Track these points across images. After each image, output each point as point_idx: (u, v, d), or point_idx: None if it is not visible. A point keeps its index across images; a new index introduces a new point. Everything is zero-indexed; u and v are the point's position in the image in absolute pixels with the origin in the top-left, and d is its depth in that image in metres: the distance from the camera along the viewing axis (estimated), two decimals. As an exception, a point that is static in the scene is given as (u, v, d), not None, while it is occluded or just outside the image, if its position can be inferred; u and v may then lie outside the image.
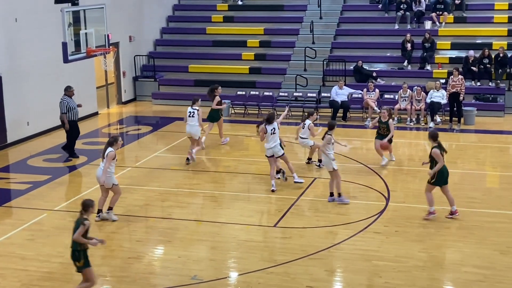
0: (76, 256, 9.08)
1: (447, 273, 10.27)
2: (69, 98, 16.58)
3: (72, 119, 16.62)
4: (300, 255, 10.81)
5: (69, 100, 16.56)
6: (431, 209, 12.33)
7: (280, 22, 25.53)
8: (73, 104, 16.63)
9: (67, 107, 16.51)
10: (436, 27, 23.74)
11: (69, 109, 16.54)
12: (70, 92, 16.68)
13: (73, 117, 16.64)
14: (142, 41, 24.76)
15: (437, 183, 12.25)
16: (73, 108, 16.58)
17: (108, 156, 11.93)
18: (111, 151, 12.00)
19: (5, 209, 13.27)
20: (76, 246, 9.05)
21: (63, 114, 16.48)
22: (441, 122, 20.05)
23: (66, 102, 16.51)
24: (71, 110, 16.56)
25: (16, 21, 17.94)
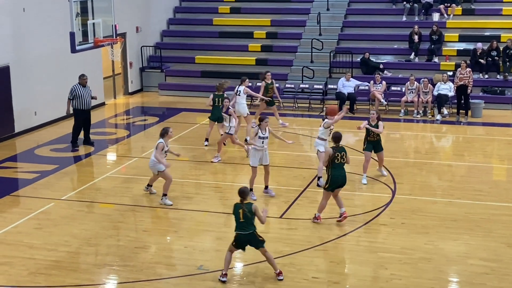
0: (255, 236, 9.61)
1: (453, 265, 10.27)
2: (79, 86, 16.64)
3: (78, 107, 16.65)
4: (305, 246, 10.83)
5: (78, 87, 16.61)
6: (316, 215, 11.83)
7: (287, 13, 25.48)
8: (83, 93, 16.66)
9: (73, 94, 16.57)
10: (444, 19, 23.65)
11: (76, 96, 16.58)
12: (82, 80, 16.76)
13: (80, 106, 16.66)
14: (149, 32, 24.76)
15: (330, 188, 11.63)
16: (80, 97, 16.60)
17: (158, 147, 12.55)
18: (161, 142, 12.58)
19: (13, 198, 13.33)
20: (254, 228, 9.59)
21: (68, 99, 16.62)
22: (448, 115, 20.01)
23: (73, 89, 16.60)
24: (78, 98, 16.60)
25: (24, 11, 17.96)
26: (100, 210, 12.66)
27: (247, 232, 9.57)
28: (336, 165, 11.50)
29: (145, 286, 9.58)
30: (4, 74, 17.28)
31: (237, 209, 9.63)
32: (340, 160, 11.52)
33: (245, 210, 9.54)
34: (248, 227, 9.56)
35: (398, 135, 18.53)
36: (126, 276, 9.87)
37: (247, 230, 9.57)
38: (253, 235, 9.60)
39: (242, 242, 9.65)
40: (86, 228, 11.66)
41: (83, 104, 16.69)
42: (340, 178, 11.57)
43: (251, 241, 9.62)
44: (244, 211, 9.54)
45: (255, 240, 9.63)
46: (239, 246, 9.73)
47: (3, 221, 12.02)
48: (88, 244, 11.04)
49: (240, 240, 9.63)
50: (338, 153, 11.49)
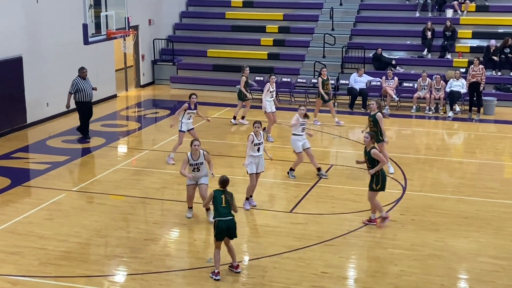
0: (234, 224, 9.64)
1: (463, 262, 10.24)
2: (80, 79, 16.71)
3: (81, 100, 16.73)
4: (315, 241, 10.83)
5: (79, 81, 16.69)
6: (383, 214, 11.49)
7: (300, 8, 25.41)
8: (84, 86, 16.73)
9: (75, 88, 16.65)
10: (457, 16, 23.51)
11: (78, 90, 16.67)
12: (83, 73, 16.81)
13: (83, 98, 16.73)
14: (162, 25, 24.78)
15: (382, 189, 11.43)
16: (82, 90, 16.68)
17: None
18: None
19: (24, 189, 13.41)
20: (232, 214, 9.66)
21: (69, 93, 16.70)
22: (461, 112, 19.92)
23: (75, 83, 16.68)
24: (80, 92, 16.68)
25: (37, 3, 18.02)
26: (110, 201, 12.71)
27: (228, 218, 9.56)
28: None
29: (154, 278, 9.61)
30: (17, 65, 17.35)
31: (219, 195, 9.67)
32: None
33: (227, 196, 9.63)
34: (229, 213, 9.60)
35: (410, 132, 18.47)
36: (136, 268, 9.91)
37: (228, 216, 9.58)
38: (233, 222, 9.60)
39: (222, 230, 9.54)
40: (97, 220, 11.71)
41: (86, 96, 16.79)
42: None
43: (230, 227, 9.57)
44: (226, 197, 9.63)
45: (234, 227, 9.62)
46: (220, 236, 9.57)
47: (15, 211, 12.09)
48: (98, 235, 11.09)
49: (220, 228, 9.53)
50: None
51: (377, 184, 11.34)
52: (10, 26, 17.14)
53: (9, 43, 17.10)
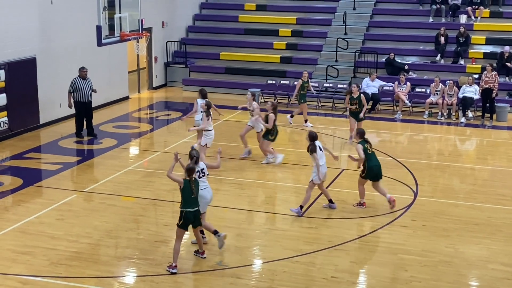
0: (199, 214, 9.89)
1: (473, 269, 10.18)
2: (80, 79, 16.87)
3: (79, 100, 16.88)
4: (325, 245, 10.81)
5: (78, 80, 16.84)
6: (361, 201, 12.54)
7: (313, 12, 25.40)
8: (83, 86, 16.87)
9: (73, 87, 16.82)
10: (471, 21, 23.41)
11: (76, 89, 16.82)
12: (82, 73, 16.96)
13: (81, 98, 16.88)
14: (175, 27, 24.85)
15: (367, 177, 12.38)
16: (80, 90, 16.82)
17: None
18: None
19: (36, 189, 13.48)
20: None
21: (69, 92, 16.88)
22: (473, 118, 19.83)
23: (73, 82, 16.86)
24: (78, 91, 16.82)
25: (51, 4, 18.13)
26: (121, 203, 12.75)
27: (195, 209, 9.72)
28: (370, 156, 12.21)
29: (164, 280, 9.63)
30: (30, 65, 17.46)
31: (189, 185, 9.68)
32: (372, 150, 12.34)
33: (193, 186, 9.69)
34: (196, 203, 9.73)
35: (422, 137, 18.41)
36: (146, 270, 9.93)
37: (195, 207, 9.72)
38: (198, 212, 9.82)
39: (188, 220, 9.72)
40: (107, 221, 11.75)
41: (83, 96, 16.90)
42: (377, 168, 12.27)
43: (196, 217, 9.76)
44: (194, 187, 9.68)
45: (199, 217, 9.83)
46: (185, 226, 9.77)
47: (26, 211, 12.16)
48: (108, 236, 11.13)
49: (187, 218, 9.69)
50: (367, 145, 12.24)
51: (363, 172, 12.27)
52: (25, 27, 17.26)
53: (23, 43, 17.22)
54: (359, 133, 12.57)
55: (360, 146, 12.23)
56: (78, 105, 16.96)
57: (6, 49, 16.65)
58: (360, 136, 12.44)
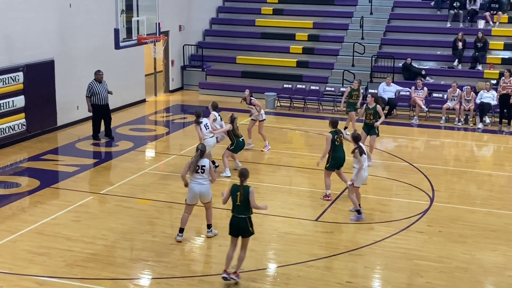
0: (246, 223, 9.48)
1: (490, 276, 10.10)
2: (96, 82, 17.01)
3: (96, 103, 17.00)
4: (340, 250, 10.78)
5: (95, 84, 16.98)
6: (327, 192, 13.04)
7: (330, 16, 25.38)
8: (100, 89, 17.01)
9: (90, 91, 16.93)
10: (489, 27, 23.27)
11: (93, 93, 16.95)
12: (98, 76, 17.11)
13: (98, 101, 17.01)
14: (192, 31, 24.95)
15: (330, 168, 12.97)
16: (97, 93, 16.96)
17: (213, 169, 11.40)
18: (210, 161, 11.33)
19: (53, 190, 13.57)
20: (245, 212, 9.46)
21: (86, 97, 16.99)
22: (491, 124, 19.68)
23: (90, 86, 16.99)
24: (96, 95, 16.96)
25: (70, 7, 18.28)
26: (137, 205, 12.80)
27: (239, 216, 9.48)
28: (337, 147, 12.72)
29: (179, 283, 9.65)
30: (49, 68, 17.61)
31: (235, 191, 9.55)
32: (340, 142, 12.78)
33: (242, 193, 9.47)
34: (243, 211, 9.47)
35: (438, 142, 18.31)
36: (161, 272, 9.96)
37: (238, 214, 9.50)
38: (244, 221, 9.48)
39: (231, 226, 9.54)
40: (123, 223, 11.80)
41: (101, 99, 17.05)
42: (341, 159, 12.88)
43: (240, 225, 9.50)
44: (241, 193, 9.47)
45: (245, 228, 9.51)
46: (230, 231, 9.59)
47: (43, 212, 12.24)
48: (124, 238, 11.18)
49: (230, 224, 9.54)
50: (336, 136, 12.74)
51: (327, 162, 12.90)
52: (43, 30, 17.41)
53: (41, 46, 17.37)
54: (332, 122, 12.91)
55: (330, 136, 12.72)
56: (95, 108, 17.09)
57: (25, 52, 16.81)
58: (332, 126, 12.84)
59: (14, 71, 16.43)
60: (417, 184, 14.18)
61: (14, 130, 16.52)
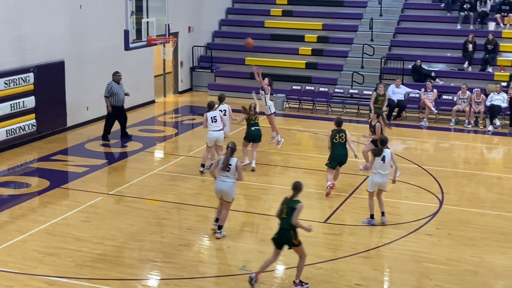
0: (289, 235, 9.38)
1: (499, 279, 10.05)
2: (114, 83, 17.08)
3: (113, 104, 17.07)
4: (349, 252, 10.76)
5: (114, 85, 17.06)
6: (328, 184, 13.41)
7: (339, 18, 25.35)
8: (118, 90, 17.08)
9: (109, 92, 16.99)
10: (500, 29, 23.18)
11: (112, 94, 17.02)
12: (117, 77, 17.18)
13: (116, 102, 17.08)
14: (201, 32, 24.98)
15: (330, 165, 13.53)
16: (116, 94, 17.03)
17: (241, 168, 11.19)
18: (238, 160, 11.20)
19: (62, 191, 13.62)
20: (290, 225, 9.36)
21: (105, 97, 17.02)
22: (501, 126, 19.60)
23: (110, 87, 17.03)
24: (114, 95, 17.03)
25: (80, 8, 18.34)
26: (146, 206, 12.83)
27: (285, 229, 9.43)
28: (336, 145, 13.31)
29: (187, 283, 9.66)
30: (59, 69, 17.67)
31: (282, 204, 9.54)
32: (339, 140, 13.32)
33: (286, 207, 9.42)
34: (287, 224, 9.41)
35: (448, 145, 18.24)
36: (169, 273, 9.97)
37: (281, 225, 9.47)
38: (288, 234, 9.39)
39: (276, 237, 9.51)
40: (132, 223, 11.83)
41: (119, 100, 17.13)
42: (340, 156, 13.37)
43: (282, 237, 9.44)
44: (286, 207, 9.43)
45: (288, 240, 9.43)
46: (273, 241, 9.56)
47: (53, 212, 12.29)
48: (133, 239, 11.20)
49: (275, 234, 9.53)
50: (337, 134, 13.30)
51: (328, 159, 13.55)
52: (54, 31, 17.48)
53: (52, 47, 17.44)
54: (336, 121, 13.52)
55: (330, 133, 13.48)
56: (113, 109, 17.17)
57: (35, 53, 16.88)
58: (336, 125, 13.46)
59: (25, 72, 16.50)
60: (427, 186, 14.14)
61: (24, 130, 16.59)
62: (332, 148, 13.42)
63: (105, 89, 17.06)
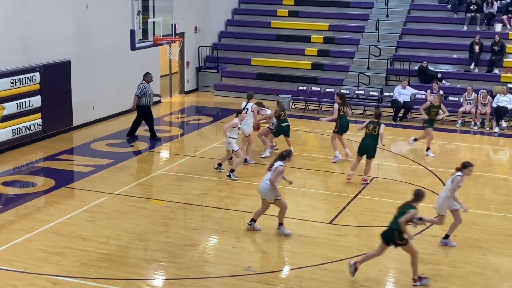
0: (392, 235, 9.63)
1: (505, 281, 10.02)
2: (146, 84, 17.26)
3: (145, 104, 17.29)
4: (354, 253, 10.74)
5: (146, 85, 17.25)
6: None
7: (346, 18, 25.33)
8: (150, 91, 17.34)
9: (143, 92, 17.15)
10: (506, 30, 23.11)
11: (145, 94, 17.21)
12: (149, 78, 17.44)
13: (147, 102, 17.32)
14: (207, 33, 25.00)
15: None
16: (148, 95, 17.26)
17: (277, 171, 11.09)
18: (281, 165, 11.17)
19: (68, 190, 13.65)
20: (397, 226, 9.56)
21: (136, 96, 17.15)
22: (507, 128, 19.54)
23: (143, 87, 17.21)
24: (146, 96, 17.23)
25: (87, 8, 18.38)
26: (151, 206, 12.84)
27: (390, 227, 9.68)
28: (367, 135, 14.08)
29: (192, 284, 9.66)
30: (65, 68, 17.71)
31: (401, 205, 9.77)
32: (371, 132, 13.95)
33: (400, 208, 9.68)
34: (391, 224, 9.66)
35: (454, 146, 18.20)
36: (174, 273, 9.98)
37: (392, 226, 9.66)
38: (392, 234, 9.62)
39: (383, 233, 9.78)
40: (137, 223, 11.84)
41: (150, 101, 17.39)
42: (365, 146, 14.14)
43: (388, 235, 9.69)
44: (400, 209, 9.68)
45: (392, 239, 9.66)
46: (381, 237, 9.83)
47: (58, 212, 12.32)
48: (138, 239, 11.22)
49: (383, 231, 9.80)
50: (371, 125, 14.00)
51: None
52: (60, 31, 17.52)
53: (58, 47, 17.47)
54: (376, 114, 14.28)
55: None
56: (143, 108, 17.31)
57: (41, 52, 16.92)
58: (375, 117, 14.17)
59: (31, 71, 16.55)
60: (432, 188, 14.08)
61: (30, 130, 16.64)
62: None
63: (138, 89, 17.18)
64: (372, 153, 14.19)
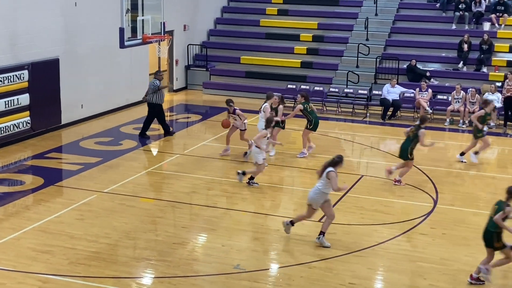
0: (490, 236, 9.67)
1: (493, 279, 10.06)
2: (158, 82, 17.42)
3: (157, 102, 17.42)
4: (343, 251, 10.77)
5: (159, 83, 17.40)
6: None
7: (335, 17, 25.36)
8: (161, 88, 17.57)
9: (156, 89, 17.32)
10: (495, 29, 23.24)
11: (157, 91, 17.33)
12: (160, 76, 17.65)
13: (159, 100, 17.45)
14: (196, 31, 24.96)
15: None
16: (161, 92, 17.44)
17: (331, 176, 10.84)
18: (332, 171, 10.89)
19: (57, 188, 13.60)
20: (493, 227, 9.59)
21: (156, 88, 17.32)
22: (495, 126, 19.64)
23: (157, 84, 17.36)
24: (159, 94, 17.38)
25: (75, 6, 18.30)
26: (140, 204, 12.81)
27: (487, 228, 9.70)
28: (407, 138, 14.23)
29: (181, 282, 9.66)
30: (53, 66, 17.63)
31: (495, 204, 9.77)
32: (410, 134, 14.18)
33: (496, 207, 9.67)
34: (491, 225, 9.66)
35: (442, 144, 18.28)
36: (163, 271, 9.97)
37: (488, 227, 9.69)
38: (489, 234, 9.67)
39: (483, 236, 9.82)
40: (126, 222, 11.82)
41: (161, 98, 17.50)
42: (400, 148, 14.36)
43: (485, 236, 9.76)
44: (496, 207, 9.66)
45: (489, 240, 9.73)
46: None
47: (47, 210, 12.27)
48: (127, 237, 11.19)
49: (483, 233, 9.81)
50: (413, 128, 14.18)
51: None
52: (49, 28, 17.43)
53: (46, 45, 17.39)
54: (421, 118, 14.42)
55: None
56: (155, 106, 17.42)
57: (30, 50, 16.83)
58: (420, 122, 14.16)
59: (19, 69, 16.46)
60: (421, 186, 14.17)
61: (18, 128, 16.55)
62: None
63: (153, 85, 17.32)
64: (402, 154, 14.24)
